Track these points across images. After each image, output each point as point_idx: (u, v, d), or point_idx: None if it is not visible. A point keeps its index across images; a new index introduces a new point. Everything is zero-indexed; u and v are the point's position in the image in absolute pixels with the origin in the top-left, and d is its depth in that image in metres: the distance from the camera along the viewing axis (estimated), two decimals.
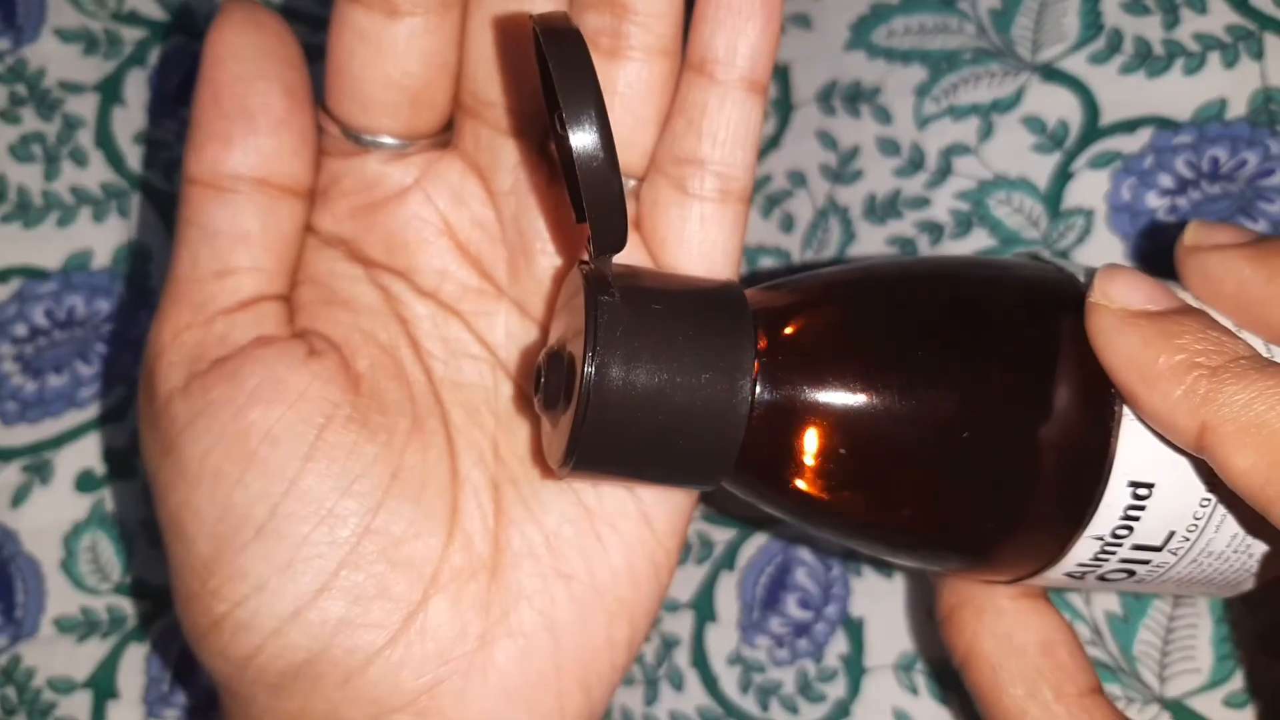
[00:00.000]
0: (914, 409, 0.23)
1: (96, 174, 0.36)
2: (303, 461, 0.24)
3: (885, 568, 0.33)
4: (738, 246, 0.27)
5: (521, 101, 0.27)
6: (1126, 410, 0.24)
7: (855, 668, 0.32)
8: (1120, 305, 0.23)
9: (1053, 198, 0.32)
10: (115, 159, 0.36)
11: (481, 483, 0.27)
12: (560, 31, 0.21)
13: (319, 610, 0.24)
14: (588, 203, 0.21)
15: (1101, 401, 0.24)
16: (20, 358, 0.35)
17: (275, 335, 0.25)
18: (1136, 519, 0.24)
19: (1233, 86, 0.31)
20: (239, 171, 0.25)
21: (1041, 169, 0.32)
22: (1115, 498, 0.24)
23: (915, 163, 0.34)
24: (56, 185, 0.36)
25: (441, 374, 0.27)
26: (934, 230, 0.33)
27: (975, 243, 0.33)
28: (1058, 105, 0.32)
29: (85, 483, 0.35)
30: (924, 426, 0.24)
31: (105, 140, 0.36)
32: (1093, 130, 0.32)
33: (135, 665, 0.34)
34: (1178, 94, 0.31)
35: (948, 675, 0.31)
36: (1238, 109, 0.31)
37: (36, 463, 0.35)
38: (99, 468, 0.35)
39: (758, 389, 0.23)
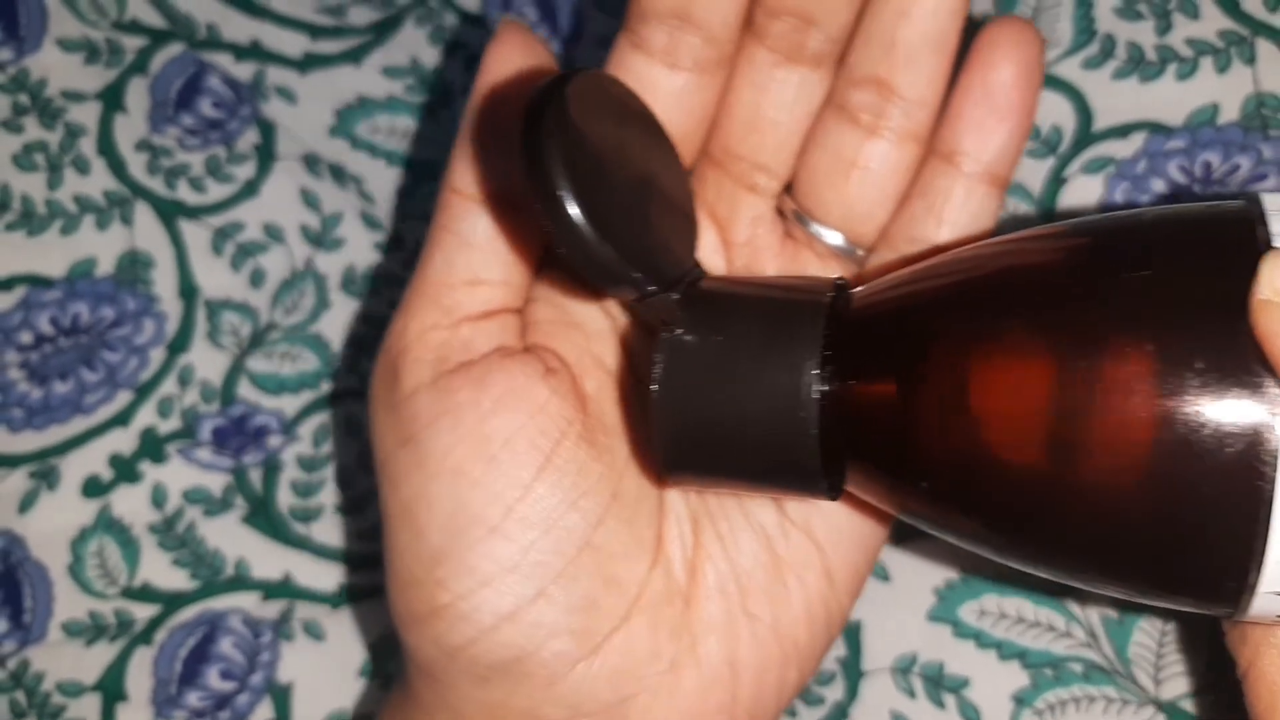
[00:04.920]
0: (1008, 423, 0.22)
1: (99, 182, 0.37)
2: (537, 471, 0.26)
3: (880, 571, 0.33)
4: None
5: (768, 160, 0.28)
6: None
7: (853, 671, 0.33)
8: None
9: (1047, 202, 0.32)
10: (117, 167, 0.37)
11: (683, 513, 0.28)
12: (534, 120, 0.22)
13: (536, 613, 0.26)
14: (582, 271, 0.22)
15: (1255, 425, 0.19)
16: (26, 365, 0.36)
17: (513, 347, 0.27)
18: None
19: (1225, 91, 0.31)
20: (502, 188, 0.27)
21: (1035, 174, 0.32)
22: None
23: None
24: (59, 194, 0.36)
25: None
26: None
27: None
28: (1051, 110, 0.32)
29: (91, 488, 0.35)
30: (1018, 439, 0.21)
31: (107, 148, 0.37)
32: (1086, 135, 0.32)
33: (143, 668, 0.35)
34: (1170, 99, 0.32)
35: (945, 678, 0.32)
36: (1230, 114, 0.31)
37: (43, 469, 0.35)
38: (105, 473, 0.35)
39: (835, 402, 0.23)
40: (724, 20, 0.27)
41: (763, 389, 0.24)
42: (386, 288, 0.37)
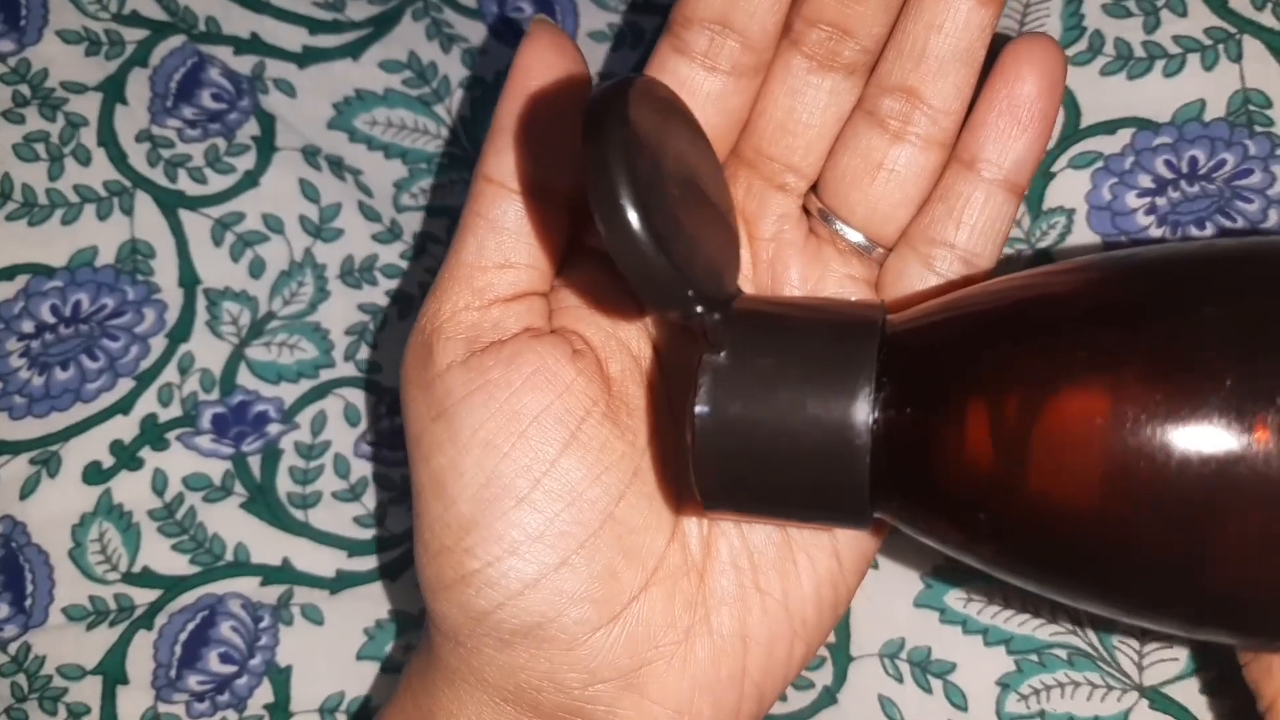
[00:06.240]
0: (1071, 474, 0.21)
1: (100, 172, 0.37)
2: (563, 446, 0.27)
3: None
4: None
5: (798, 161, 0.29)
6: None
7: (842, 656, 0.33)
8: None
9: (1035, 197, 0.33)
10: (118, 157, 0.37)
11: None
12: (599, 124, 0.21)
13: (558, 580, 0.27)
14: (636, 287, 0.22)
15: None
16: (27, 353, 0.36)
17: (541, 328, 0.28)
18: None
19: (1212, 88, 0.32)
20: (532, 178, 0.28)
21: None
22: None
23: None
24: (60, 184, 0.37)
25: (676, 389, 0.30)
26: None
27: None
28: None
29: (92, 475, 0.36)
30: (1081, 473, 0.21)
31: (108, 139, 0.37)
32: (1074, 131, 0.32)
33: (143, 652, 0.35)
34: (1158, 95, 0.32)
35: (931, 663, 0.32)
36: (1216, 110, 0.32)
37: (44, 455, 0.36)
38: (106, 460, 0.36)
39: (884, 430, 0.23)
40: (763, 27, 0.28)
41: (813, 416, 0.24)
42: (384, 278, 0.38)
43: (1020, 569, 0.24)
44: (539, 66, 0.28)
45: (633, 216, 0.21)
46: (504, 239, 0.28)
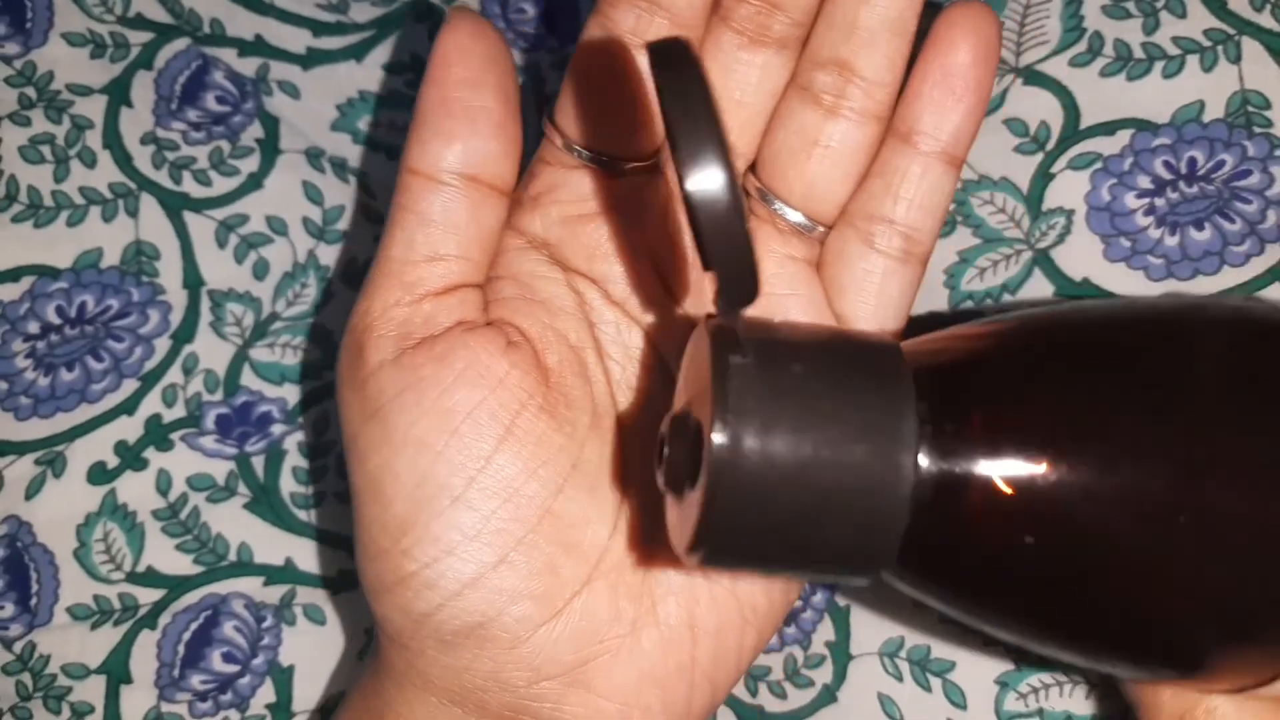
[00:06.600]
0: (1118, 485, 0.20)
1: (105, 174, 0.37)
2: (498, 442, 0.27)
3: None
4: (910, 305, 0.29)
5: (733, 140, 0.29)
6: None
7: (841, 654, 0.33)
8: None
9: (1034, 198, 0.33)
10: (123, 160, 0.37)
11: (645, 483, 0.28)
12: (675, 60, 0.19)
13: (498, 579, 0.27)
14: (712, 252, 0.18)
15: None
16: (33, 354, 0.36)
17: (475, 321, 0.28)
18: None
19: (1211, 89, 0.32)
20: (456, 168, 0.27)
21: (1023, 170, 0.33)
22: None
23: None
24: (66, 186, 0.37)
25: (619, 378, 0.29)
26: None
27: (959, 241, 0.33)
28: (1039, 107, 0.33)
29: (97, 475, 0.36)
30: (1129, 508, 0.20)
31: (113, 141, 0.37)
32: (1073, 132, 0.32)
33: (147, 651, 0.35)
34: (1157, 96, 0.32)
35: (930, 662, 0.32)
36: (1215, 111, 0.32)
37: (49, 456, 0.36)
38: (111, 460, 0.36)
39: (923, 463, 0.21)
40: (690, 3, 0.27)
41: (849, 453, 0.20)
42: None
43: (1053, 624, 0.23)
44: (458, 54, 0.27)
45: (722, 178, 0.18)
46: (432, 231, 0.28)
